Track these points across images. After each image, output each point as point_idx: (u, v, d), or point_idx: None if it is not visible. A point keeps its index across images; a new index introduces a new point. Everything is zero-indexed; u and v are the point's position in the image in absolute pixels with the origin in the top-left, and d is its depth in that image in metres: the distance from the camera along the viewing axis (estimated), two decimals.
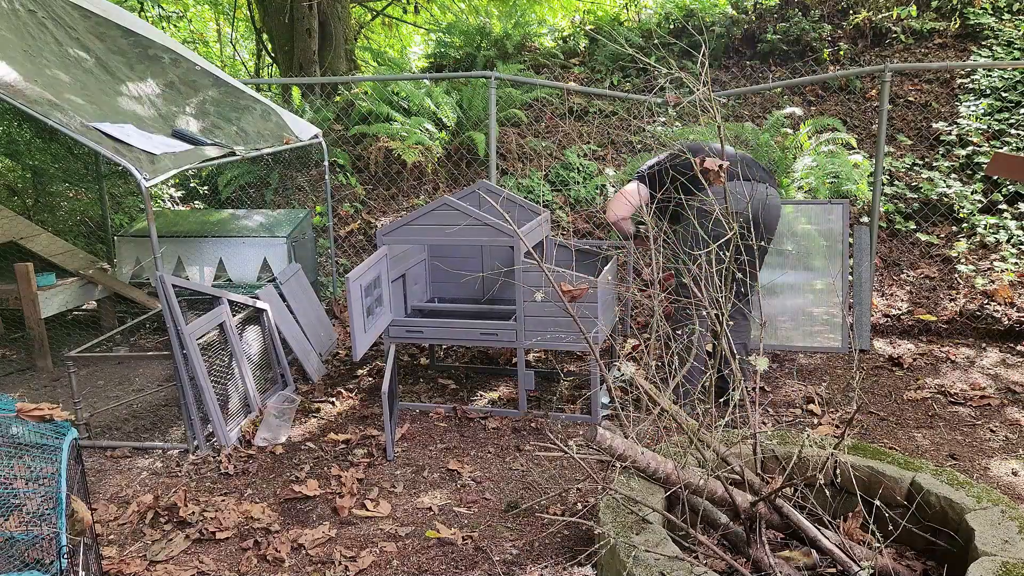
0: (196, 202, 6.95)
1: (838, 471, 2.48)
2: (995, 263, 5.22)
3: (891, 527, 2.29)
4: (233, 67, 12.24)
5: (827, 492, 2.48)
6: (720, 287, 2.27)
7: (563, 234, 5.71)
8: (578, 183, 6.18)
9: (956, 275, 5.23)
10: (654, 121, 6.69)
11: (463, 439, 3.63)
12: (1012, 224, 5.42)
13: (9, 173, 6.23)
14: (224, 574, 2.64)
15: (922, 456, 3.32)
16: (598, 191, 6.05)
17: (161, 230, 5.04)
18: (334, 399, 4.14)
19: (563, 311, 3.57)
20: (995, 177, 5.59)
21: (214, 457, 3.48)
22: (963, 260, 5.31)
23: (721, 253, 2.49)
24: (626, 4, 8.83)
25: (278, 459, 3.48)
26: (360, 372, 4.55)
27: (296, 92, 7.42)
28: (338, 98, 7.45)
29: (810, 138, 5.81)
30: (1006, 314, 4.84)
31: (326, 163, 5.39)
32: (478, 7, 9.93)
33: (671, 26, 7.70)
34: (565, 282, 3.44)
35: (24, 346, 4.95)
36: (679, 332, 3.78)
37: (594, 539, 2.65)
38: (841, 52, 6.98)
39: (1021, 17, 6.85)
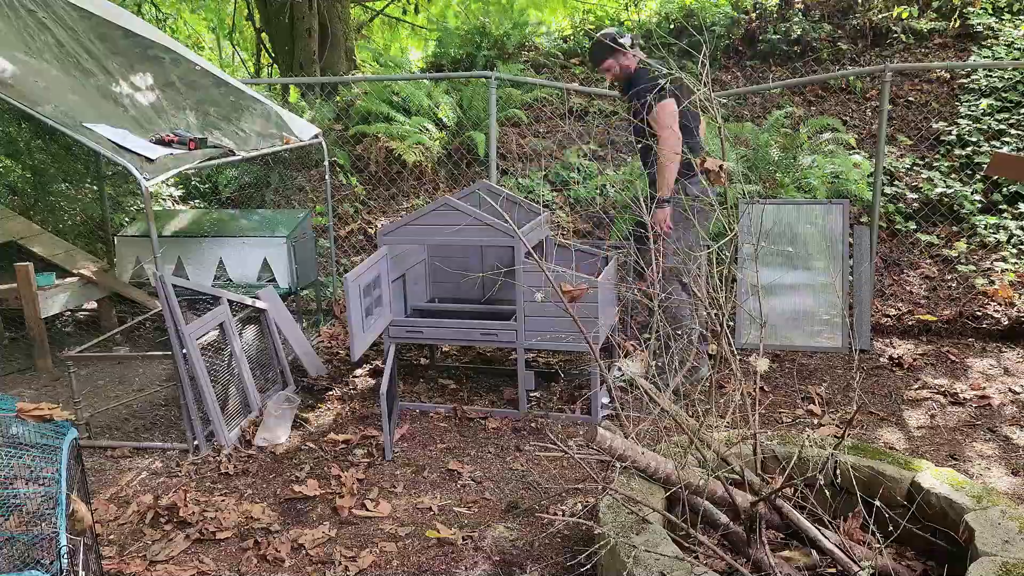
0: (196, 202, 6.95)
1: (838, 471, 2.48)
2: (995, 263, 5.22)
3: (891, 527, 2.29)
4: (233, 67, 12.24)
5: (827, 492, 2.48)
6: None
7: (563, 234, 5.71)
8: (578, 183, 6.18)
9: (956, 275, 5.23)
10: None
11: (463, 439, 3.63)
12: (1012, 224, 5.42)
13: (9, 173, 6.23)
14: (224, 574, 2.65)
15: (922, 456, 3.32)
16: (598, 191, 6.05)
17: (161, 230, 5.04)
18: (334, 399, 4.14)
19: (563, 311, 3.57)
20: (995, 177, 5.59)
21: (214, 457, 3.48)
22: (963, 260, 5.31)
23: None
24: (626, 4, 8.83)
25: (278, 459, 3.48)
26: (360, 372, 4.55)
27: (295, 92, 7.42)
28: (338, 98, 7.45)
29: (810, 138, 5.81)
30: (1006, 314, 4.84)
31: (326, 163, 5.39)
32: (477, 10, 9.93)
33: (671, 26, 7.70)
34: (565, 282, 3.44)
35: (24, 346, 4.95)
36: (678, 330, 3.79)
37: (594, 539, 2.65)
38: (841, 52, 6.98)
39: (1021, 17, 6.85)
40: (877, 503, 2.36)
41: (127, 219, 6.32)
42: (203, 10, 10.95)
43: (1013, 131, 5.92)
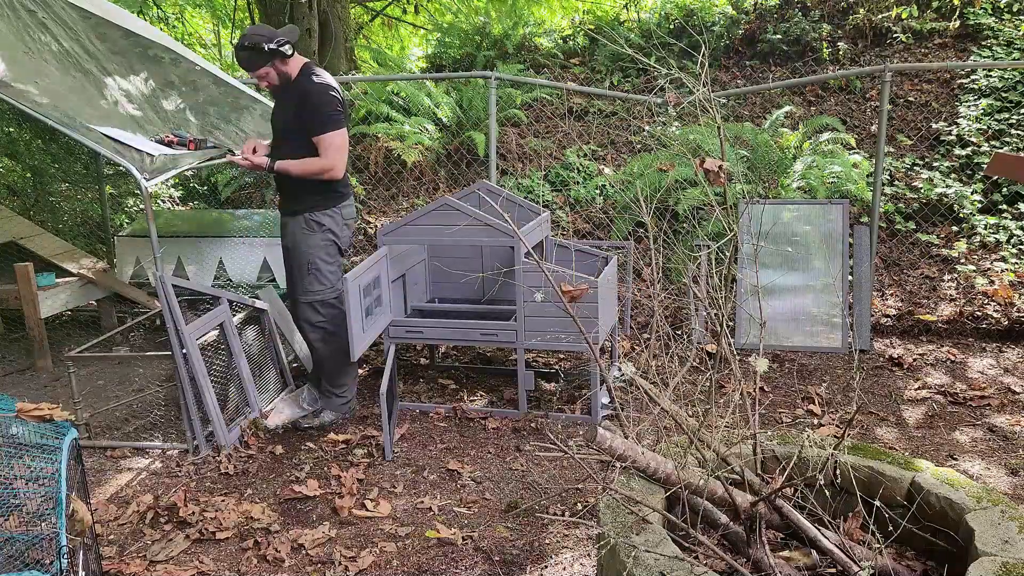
0: (195, 202, 6.95)
1: (838, 471, 2.47)
2: (995, 263, 5.22)
3: (891, 527, 2.29)
4: (233, 67, 12.23)
5: (827, 492, 2.48)
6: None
7: (563, 234, 5.71)
8: (578, 183, 6.18)
9: (956, 275, 5.23)
10: (654, 121, 6.69)
11: (463, 439, 3.63)
12: (1012, 224, 5.42)
13: (9, 173, 6.23)
14: (224, 574, 2.64)
15: (922, 456, 3.32)
16: (598, 191, 6.05)
17: (161, 230, 5.04)
18: None
19: (563, 311, 3.57)
20: (995, 177, 5.59)
21: (214, 457, 3.48)
22: (963, 260, 5.31)
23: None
24: (626, 4, 8.83)
25: (278, 459, 3.48)
26: (359, 372, 4.54)
27: None
28: None
29: (810, 138, 5.81)
30: (1006, 314, 4.84)
31: None
32: (478, 7, 9.93)
33: (671, 26, 7.70)
34: (565, 282, 3.44)
35: (24, 346, 4.95)
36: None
37: (594, 539, 2.65)
38: (841, 52, 6.98)
39: (1021, 17, 6.85)
40: (877, 503, 2.36)
41: (127, 219, 6.32)
42: (205, 4, 10.93)
43: (1013, 131, 5.92)
